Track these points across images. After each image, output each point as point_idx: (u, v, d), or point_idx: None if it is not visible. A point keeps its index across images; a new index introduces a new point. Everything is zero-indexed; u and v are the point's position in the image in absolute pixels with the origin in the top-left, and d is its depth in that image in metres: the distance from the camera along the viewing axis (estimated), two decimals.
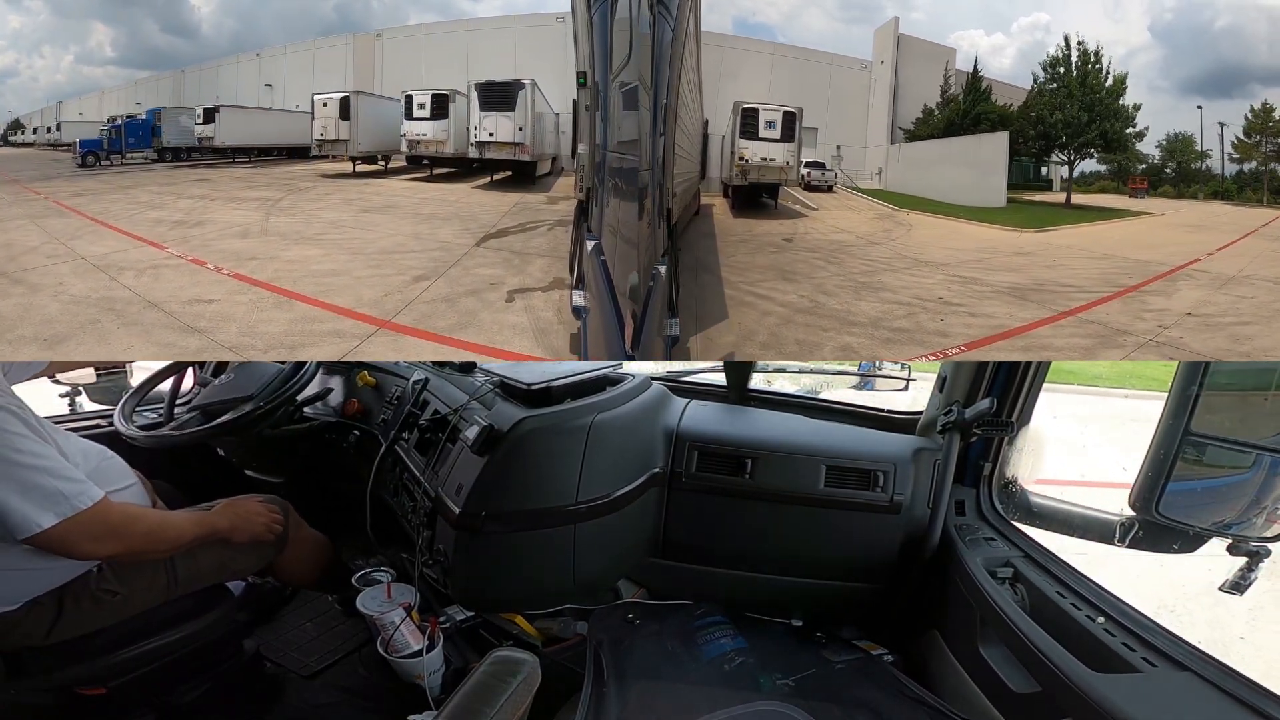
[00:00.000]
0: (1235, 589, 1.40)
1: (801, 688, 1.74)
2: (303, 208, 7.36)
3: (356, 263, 4.82)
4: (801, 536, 1.96)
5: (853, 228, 8.70)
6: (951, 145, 12.68)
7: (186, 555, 1.80)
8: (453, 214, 7.27)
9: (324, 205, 7.59)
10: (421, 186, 9.77)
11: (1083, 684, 1.30)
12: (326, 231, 5.99)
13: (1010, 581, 1.71)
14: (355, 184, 9.75)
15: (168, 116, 12.81)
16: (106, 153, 12.30)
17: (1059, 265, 6.57)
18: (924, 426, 2.15)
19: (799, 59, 14.94)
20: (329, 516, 2.32)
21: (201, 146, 12.54)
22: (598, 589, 2.10)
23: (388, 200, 8.16)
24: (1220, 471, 1.51)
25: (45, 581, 1.63)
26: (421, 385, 2.23)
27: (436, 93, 10.42)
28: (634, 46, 1.96)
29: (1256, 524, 1.41)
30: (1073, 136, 12.30)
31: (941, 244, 7.57)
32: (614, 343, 1.88)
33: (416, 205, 7.82)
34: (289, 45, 16.17)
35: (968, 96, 13.61)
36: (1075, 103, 12.17)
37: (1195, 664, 1.30)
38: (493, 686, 1.10)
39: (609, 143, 2.15)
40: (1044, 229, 9.15)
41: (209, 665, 1.96)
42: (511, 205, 7.99)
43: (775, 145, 9.71)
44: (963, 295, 5.06)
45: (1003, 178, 11.49)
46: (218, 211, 6.88)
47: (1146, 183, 13.67)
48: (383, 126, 11.14)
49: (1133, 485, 1.47)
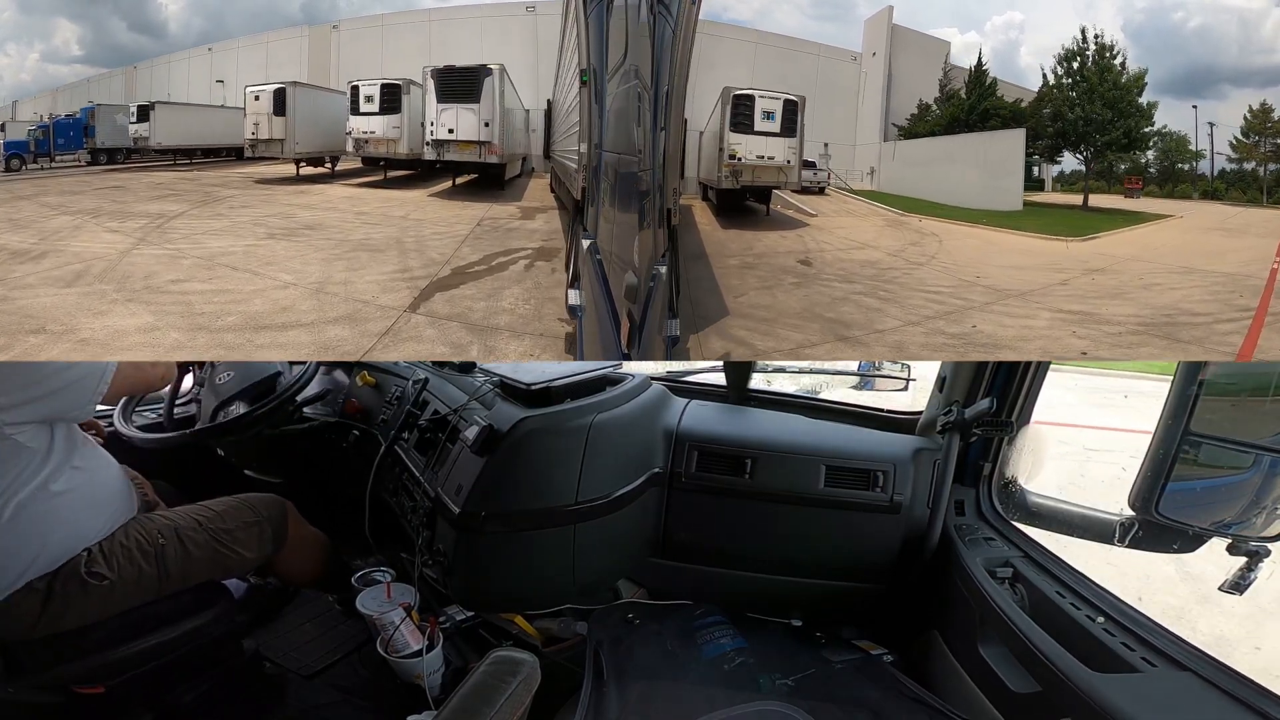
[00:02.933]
0: (1235, 589, 1.40)
1: (801, 688, 1.74)
2: (196, 228, 5.78)
3: (193, 344, 3.29)
4: (801, 536, 1.96)
5: (872, 240, 7.55)
6: (956, 143, 11.76)
7: (176, 547, 1.80)
8: (392, 240, 5.50)
9: (227, 225, 6.03)
10: (365, 195, 8.30)
11: (1082, 684, 1.30)
12: (192, 274, 4.36)
13: (1010, 581, 1.71)
14: (287, 192, 8.24)
15: (102, 115, 11.67)
16: (34, 155, 11.28)
17: (1152, 285, 5.68)
18: (924, 426, 2.15)
19: (786, 49, 13.44)
20: (329, 516, 2.32)
21: (138, 147, 11.42)
22: (598, 589, 2.10)
23: (313, 216, 6.57)
24: (1220, 471, 1.51)
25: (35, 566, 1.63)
26: (421, 385, 2.23)
27: (387, 83, 8.88)
28: (632, 44, 1.96)
29: (1256, 524, 1.41)
30: (1096, 134, 11.47)
31: (992, 261, 6.49)
32: (610, 343, 1.88)
33: (348, 225, 6.18)
34: (240, 39, 14.97)
35: (973, 91, 12.66)
36: (1098, 99, 11.33)
37: (1195, 664, 1.30)
38: (492, 686, 1.10)
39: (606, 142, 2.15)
40: (1087, 237, 8.29)
41: (208, 665, 1.96)
42: (475, 223, 6.42)
43: (774, 141, 8.04)
44: (1100, 341, 4.05)
45: (1018, 179, 10.69)
46: (83, 236, 5.38)
47: (1141, 182, 13.38)
48: (326, 123, 9.75)
49: (1133, 485, 1.47)
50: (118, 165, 11.33)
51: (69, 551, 1.67)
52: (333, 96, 10.12)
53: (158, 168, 10.87)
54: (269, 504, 2.06)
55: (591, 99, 2.21)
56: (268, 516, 2.02)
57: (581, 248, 2.42)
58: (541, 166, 10.51)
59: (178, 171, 10.43)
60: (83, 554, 1.68)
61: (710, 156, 8.70)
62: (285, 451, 2.47)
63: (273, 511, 2.05)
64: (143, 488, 2.09)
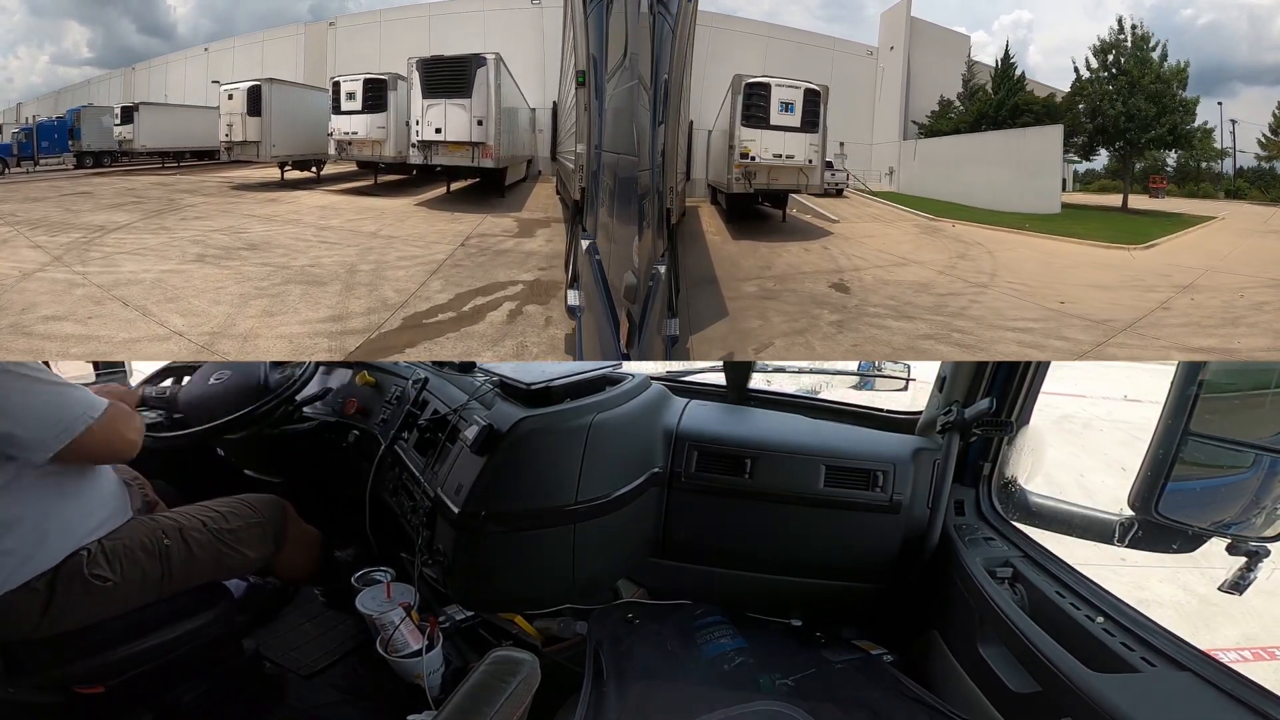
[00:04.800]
0: (1235, 589, 1.40)
1: (801, 688, 1.74)
2: (125, 245, 4.86)
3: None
4: (801, 536, 1.96)
5: (911, 252, 6.32)
6: (984, 141, 10.90)
7: (180, 547, 1.80)
8: (344, 267, 4.28)
9: (162, 241, 5.01)
10: (341, 204, 7.25)
11: (1082, 684, 1.30)
12: (73, 311, 3.51)
13: (1010, 581, 1.71)
14: (257, 200, 7.32)
15: (87, 117, 11.11)
16: (17, 158, 10.88)
17: (1261, 304, 4.92)
18: (924, 426, 2.15)
19: (800, 42, 12.48)
20: (329, 516, 2.32)
21: (124, 150, 10.85)
22: (597, 589, 2.10)
23: (265, 233, 5.47)
24: (1220, 471, 1.50)
25: (35, 565, 1.63)
26: (421, 385, 2.23)
27: (371, 78, 7.77)
28: (632, 42, 1.96)
29: (1256, 524, 1.41)
30: (1139, 131, 10.59)
31: (1063, 278, 5.47)
32: (609, 343, 1.89)
33: (301, 244, 5.05)
34: (237, 39, 14.44)
35: (1001, 86, 11.78)
36: (1142, 93, 10.50)
37: (1194, 664, 1.30)
38: (492, 686, 1.10)
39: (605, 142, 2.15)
40: (1148, 244, 7.58)
41: (208, 665, 1.96)
42: (460, 241, 5.28)
43: (793, 137, 6.90)
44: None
45: (1056, 179, 9.92)
46: (3, 252, 4.64)
47: (1165, 181, 12.60)
48: (308, 124, 8.75)
49: (1132, 485, 1.47)
50: (104, 169, 10.72)
51: (69, 547, 1.66)
52: (315, 95, 9.16)
53: (143, 171, 10.28)
54: (269, 504, 2.07)
55: (590, 99, 2.21)
56: (269, 517, 2.03)
57: (581, 248, 2.43)
58: (549, 170, 10.02)
59: (161, 175, 9.79)
60: (82, 554, 1.68)
61: (719, 156, 7.72)
62: (285, 451, 2.47)
63: (273, 512, 2.06)
64: (143, 488, 2.10)
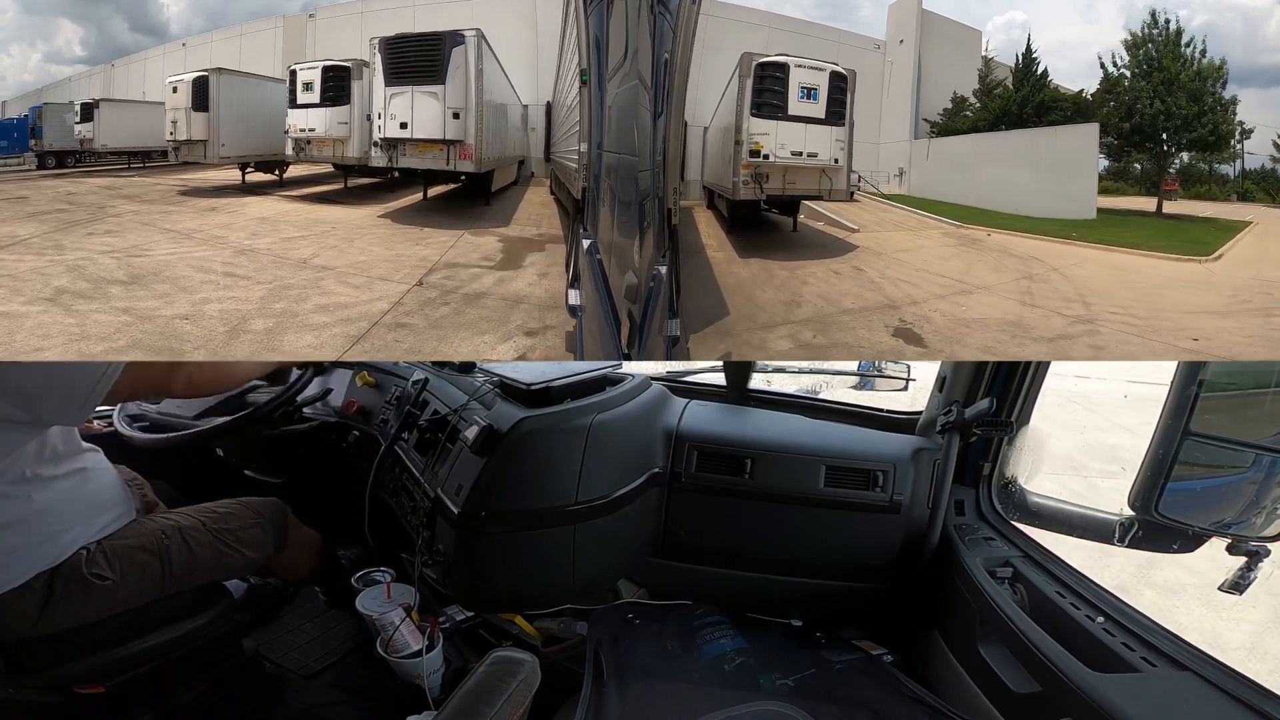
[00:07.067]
0: (1235, 589, 1.40)
1: (801, 688, 1.74)
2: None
3: None
4: (801, 536, 1.96)
5: (965, 272, 5.28)
6: (1005, 141, 10.10)
7: (181, 547, 1.80)
8: (225, 326, 3.16)
9: (30, 266, 3.97)
10: (288, 214, 5.99)
11: (1082, 684, 1.30)
12: None
13: (1010, 581, 1.71)
14: (192, 210, 6.12)
15: (49, 115, 10.46)
16: None
17: None
18: (924, 426, 2.15)
19: (802, 33, 11.44)
20: (328, 517, 2.32)
21: (85, 150, 10.27)
22: (598, 589, 2.10)
23: (167, 256, 4.30)
24: (1220, 471, 1.51)
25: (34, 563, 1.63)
26: (421, 385, 2.22)
27: (331, 65, 6.51)
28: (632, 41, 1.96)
29: (1256, 524, 1.41)
30: (1180, 131, 9.86)
31: (1163, 303, 4.77)
32: (610, 343, 1.88)
33: (195, 280, 3.81)
34: (214, 33, 13.70)
35: (1024, 82, 11.10)
36: (1182, 91, 9.76)
37: (1195, 664, 1.30)
38: (492, 686, 1.10)
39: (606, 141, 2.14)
40: (1216, 254, 7.13)
41: (208, 665, 1.96)
42: (419, 275, 4.04)
43: (817, 130, 5.61)
44: None
45: (1092, 181, 9.16)
46: None
47: (1177, 183, 12.04)
48: (263, 120, 7.67)
49: (1132, 485, 1.47)
50: (66, 169, 9.98)
51: (69, 547, 1.66)
52: (272, 87, 7.94)
53: (103, 172, 9.42)
54: (270, 506, 2.07)
55: (592, 98, 2.20)
56: (269, 518, 2.03)
57: (582, 247, 2.42)
58: (542, 171, 9.52)
59: (118, 177, 8.83)
60: (82, 554, 1.68)
61: (719, 154, 6.33)
62: (285, 452, 2.47)
63: (273, 513, 2.06)
64: (142, 488, 2.10)
